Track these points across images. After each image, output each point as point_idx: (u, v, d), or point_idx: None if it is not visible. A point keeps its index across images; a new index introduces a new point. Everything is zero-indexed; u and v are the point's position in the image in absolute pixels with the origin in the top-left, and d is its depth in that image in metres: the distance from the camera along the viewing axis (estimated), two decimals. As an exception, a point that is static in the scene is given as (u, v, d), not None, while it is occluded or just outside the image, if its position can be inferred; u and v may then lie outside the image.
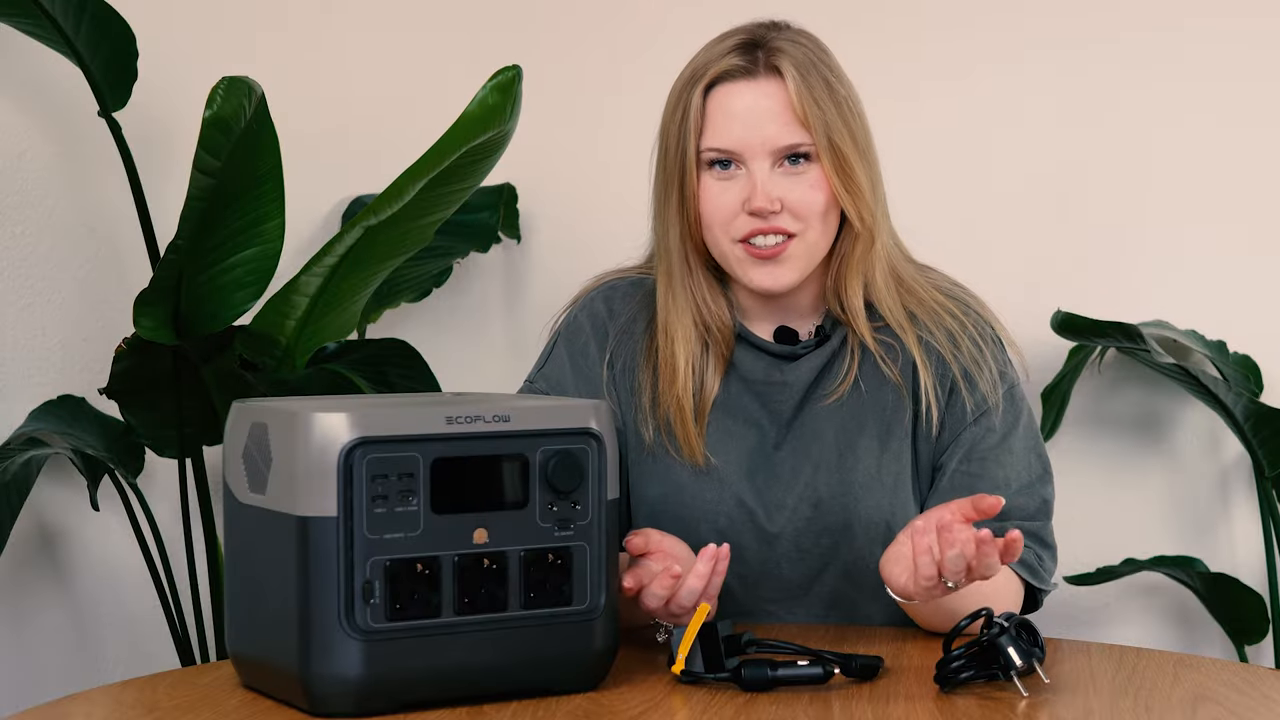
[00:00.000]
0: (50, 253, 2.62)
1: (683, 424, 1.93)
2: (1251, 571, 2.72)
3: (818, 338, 1.96)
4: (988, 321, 1.98)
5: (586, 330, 2.00)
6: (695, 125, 1.89)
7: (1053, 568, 1.94)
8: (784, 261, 1.89)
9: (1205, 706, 1.59)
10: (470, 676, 1.57)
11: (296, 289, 2.42)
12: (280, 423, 1.54)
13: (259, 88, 2.33)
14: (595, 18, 2.90)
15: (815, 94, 1.88)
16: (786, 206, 1.87)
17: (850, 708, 1.57)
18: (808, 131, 1.88)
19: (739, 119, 1.88)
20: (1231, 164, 2.73)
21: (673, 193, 1.92)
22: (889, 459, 1.93)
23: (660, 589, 1.71)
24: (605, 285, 2.03)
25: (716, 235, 1.90)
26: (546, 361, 2.01)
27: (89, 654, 2.69)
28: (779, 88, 1.88)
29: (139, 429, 2.55)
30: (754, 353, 1.96)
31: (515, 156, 2.53)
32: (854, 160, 1.89)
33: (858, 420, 1.94)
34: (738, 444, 1.94)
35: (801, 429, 1.94)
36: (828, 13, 2.81)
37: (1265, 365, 2.71)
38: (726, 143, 1.88)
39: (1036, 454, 1.95)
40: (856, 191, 1.89)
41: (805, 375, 1.94)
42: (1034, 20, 2.78)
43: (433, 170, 2.31)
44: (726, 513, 1.93)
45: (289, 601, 1.52)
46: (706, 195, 1.90)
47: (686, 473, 1.94)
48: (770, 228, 1.87)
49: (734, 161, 1.89)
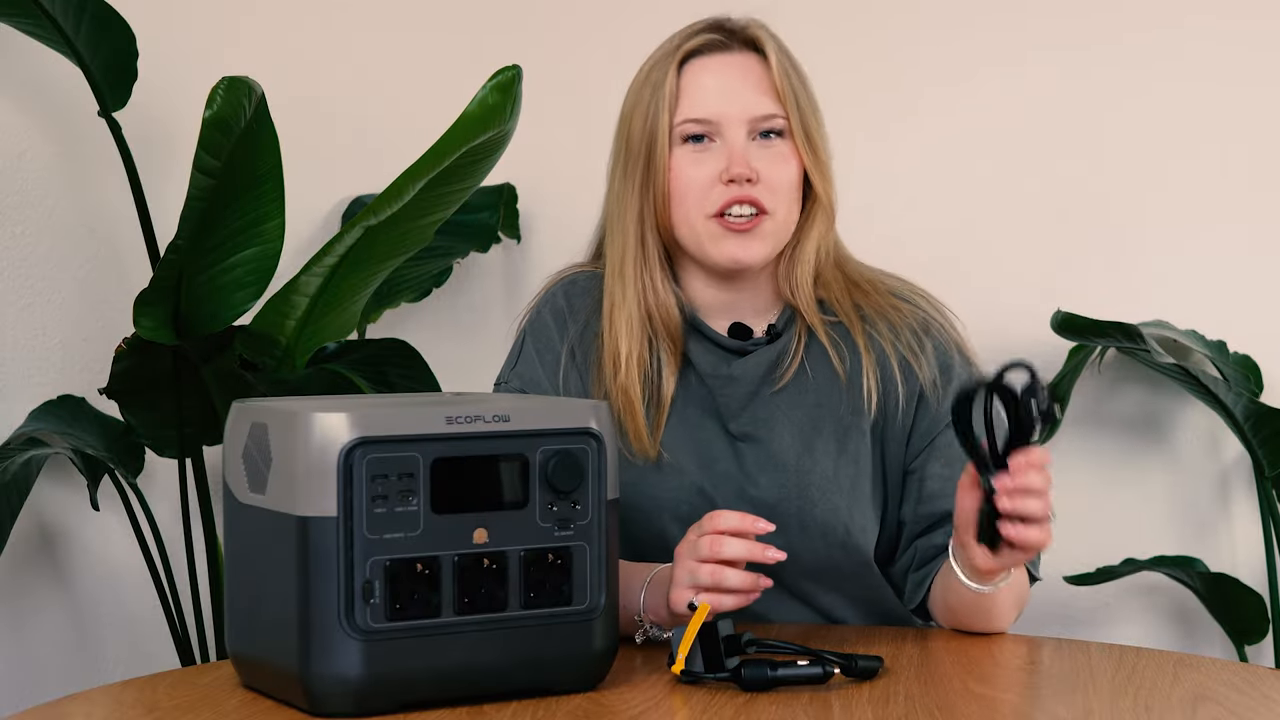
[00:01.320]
0: (50, 253, 2.62)
1: (632, 418, 1.92)
2: (1251, 571, 2.72)
3: (769, 336, 1.96)
4: (950, 322, 1.97)
5: (550, 325, 2.00)
6: (670, 100, 1.90)
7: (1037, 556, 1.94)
8: (756, 235, 1.89)
9: (1205, 706, 1.59)
10: (470, 676, 1.57)
11: (296, 289, 2.42)
12: (280, 423, 1.54)
13: (259, 88, 2.33)
14: (595, 18, 2.90)
15: (788, 70, 1.92)
16: (761, 178, 1.89)
17: (850, 708, 1.57)
18: (782, 105, 1.90)
19: (715, 89, 1.90)
20: (1231, 164, 2.73)
21: (636, 171, 1.92)
22: (846, 461, 1.93)
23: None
24: (565, 280, 2.03)
25: (689, 210, 1.90)
26: (518, 360, 2.00)
27: (89, 654, 2.69)
28: (756, 61, 1.91)
29: (139, 429, 2.55)
30: (705, 344, 1.95)
31: (515, 156, 2.53)
32: (818, 139, 1.93)
33: (814, 423, 1.93)
34: (696, 434, 1.94)
35: (756, 427, 1.94)
36: (829, 14, 2.81)
37: (1265, 365, 2.71)
38: (703, 112, 1.89)
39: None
40: (823, 169, 1.93)
41: (753, 370, 1.94)
42: (1035, 22, 2.78)
43: (433, 170, 2.31)
44: (688, 500, 1.92)
45: (289, 601, 1.52)
46: (679, 169, 1.90)
47: (647, 465, 1.93)
48: (746, 197, 1.88)
49: (708, 135, 1.90)
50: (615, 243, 1.95)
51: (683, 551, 1.75)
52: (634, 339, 1.93)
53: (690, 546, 1.74)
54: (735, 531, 1.72)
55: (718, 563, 1.71)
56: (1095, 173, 2.77)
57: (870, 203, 2.00)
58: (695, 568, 1.73)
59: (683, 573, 1.74)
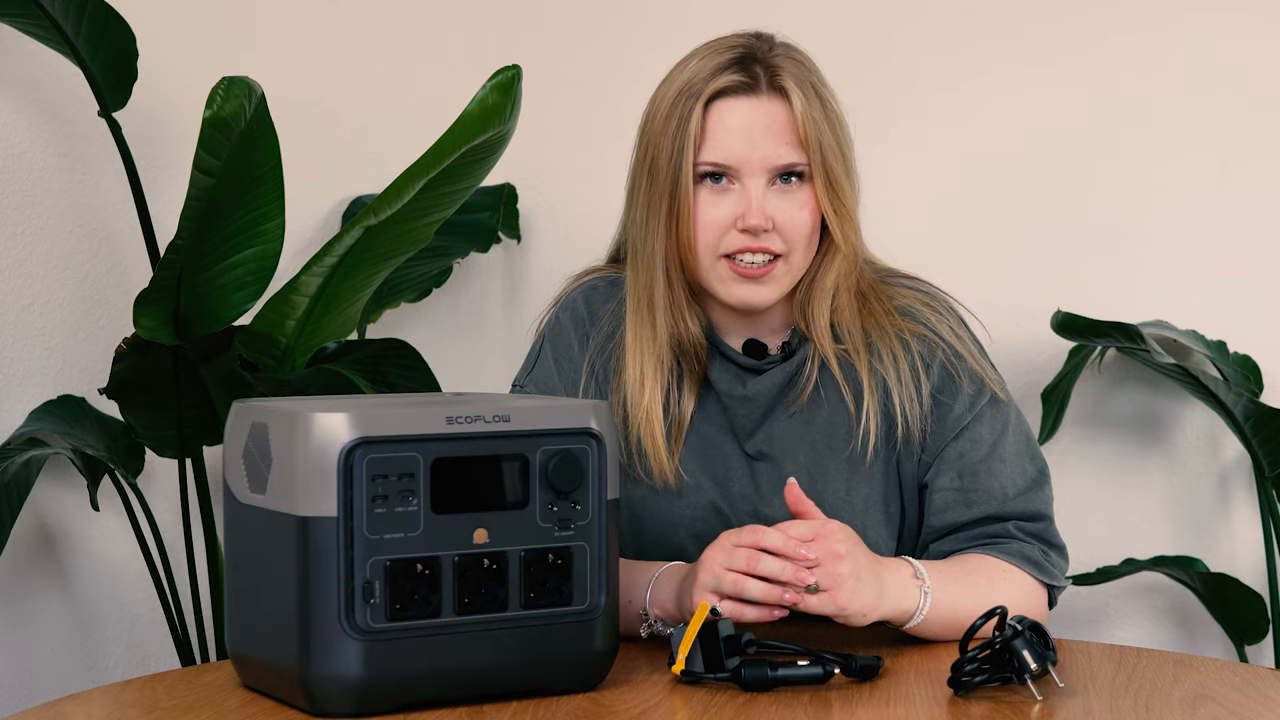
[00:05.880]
0: (50, 253, 2.62)
1: (653, 442, 1.92)
2: (1251, 571, 2.72)
3: (784, 353, 1.96)
4: (958, 336, 1.97)
5: (569, 332, 2.00)
6: (695, 138, 1.88)
7: (1064, 564, 1.94)
8: (768, 281, 1.89)
9: (1205, 706, 1.59)
10: (470, 676, 1.57)
11: (296, 289, 2.42)
12: (280, 423, 1.54)
13: (259, 88, 2.33)
14: (595, 18, 2.90)
15: (814, 114, 1.88)
16: (776, 225, 1.88)
17: (850, 708, 1.57)
18: (805, 151, 1.88)
19: (738, 135, 1.87)
20: (1231, 164, 2.73)
21: (662, 205, 1.90)
22: (859, 481, 1.93)
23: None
24: (585, 285, 2.02)
25: (701, 249, 1.90)
26: (534, 365, 2.01)
27: (89, 654, 2.69)
28: (781, 106, 1.88)
29: (139, 429, 2.55)
30: (722, 362, 1.96)
31: (515, 156, 2.53)
32: (842, 180, 1.90)
33: (828, 443, 1.93)
34: (712, 453, 1.95)
35: (771, 447, 1.94)
36: (832, 16, 2.81)
37: (1265, 365, 2.71)
38: (723, 157, 1.88)
39: (1030, 457, 1.95)
40: (844, 212, 1.91)
41: (768, 389, 1.94)
42: (1036, 24, 2.78)
43: (432, 170, 2.31)
44: (704, 518, 1.93)
45: (289, 601, 1.52)
46: (698, 208, 1.89)
47: (661, 485, 1.94)
48: (759, 246, 1.87)
49: (727, 176, 1.89)
50: (641, 276, 1.93)
51: (714, 556, 1.74)
52: (660, 366, 1.93)
53: (725, 554, 1.73)
54: (776, 550, 1.72)
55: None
56: (1095, 173, 2.77)
57: (870, 203, 2.00)
58: (721, 574, 1.72)
59: (707, 576, 1.73)
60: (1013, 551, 1.89)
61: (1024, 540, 1.90)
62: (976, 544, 1.90)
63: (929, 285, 2.01)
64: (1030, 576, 1.89)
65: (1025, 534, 1.91)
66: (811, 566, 1.71)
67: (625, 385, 1.94)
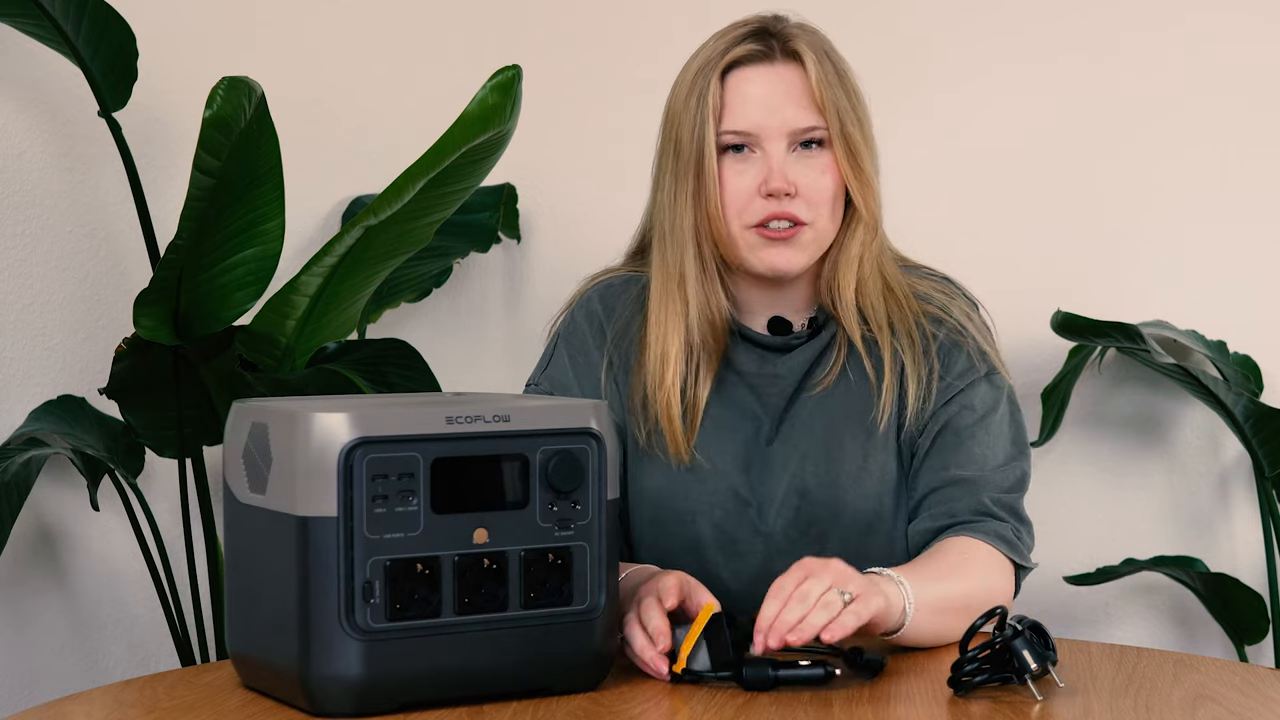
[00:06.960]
0: (50, 253, 2.62)
1: (670, 422, 1.93)
2: (1251, 571, 2.72)
3: (810, 330, 1.97)
4: (969, 317, 1.99)
5: (584, 330, 2.01)
6: (715, 110, 1.90)
7: (1031, 544, 1.94)
8: (795, 245, 1.91)
9: (1205, 706, 1.59)
10: (470, 676, 1.57)
11: (296, 289, 2.42)
12: (280, 423, 1.54)
13: (259, 88, 2.33)
14: (595, 18, 2.90)
15: (830, 79, 1.91)
16: (799, 190, 1.89)
17: (851, 708, 1.57)
18: (823, 116, 1.91)
19: (757, 101, 1.90)
20: (1231, 164, 2.73)
21: (687, 180, 1.92)
22: (874, 448, 1.94)
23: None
24: (600, 284, 2.04)
25: (730, 220, 1.91)
26: (549, 364, 2.02)
27: (89, 654, 2.69)
28: (796, 72, 1.91)
29: (139, 429, 2.54)
30: (747, 345, 1.97)
31: (515, 156, 2.53)
32: (861, 147, 1.93)
33: (845, 412, 1.95)
34: (732, 437, 1.96)
35: (793, 421, 1.96)
36: (835, 13, 2.81)
37: (1265, 365, 2.71)
38: (744, 124, 1.90)
39: (1014, 438, 1.96)
40: (864, 178, 1.93)
41: (798, 367, 1.96)
42: (1036, 24, 2.78)
43: (432, 170, 2.31)
44: (722, 504, 1.94)
45: (289, 601, 1.52)
46: (722, 179, 1.91)
47: (682, 469, 1.95)
48: (784, 213, 1.89)
49: (749, 145, 1.91)
50: (671, 253, 1.95)
51: (649, 597, 1.72)
52: (683, 348, 1.94)
53: (649, 602, 1.71)
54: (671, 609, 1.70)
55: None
56: (1095, 173, 2.77)
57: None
58: (635, 610, 1.71)
59: (639, 596, 1.73)
60: (987, 530, 1.89)
61: (1000, 519, 1.90)
62: (952, 523, 1.90)
63: (947, 276, 2.04)
64: (1004, 556, 1.88)
65: (1000, 506, 1.91)
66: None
67: (647, 364, 1.95)
